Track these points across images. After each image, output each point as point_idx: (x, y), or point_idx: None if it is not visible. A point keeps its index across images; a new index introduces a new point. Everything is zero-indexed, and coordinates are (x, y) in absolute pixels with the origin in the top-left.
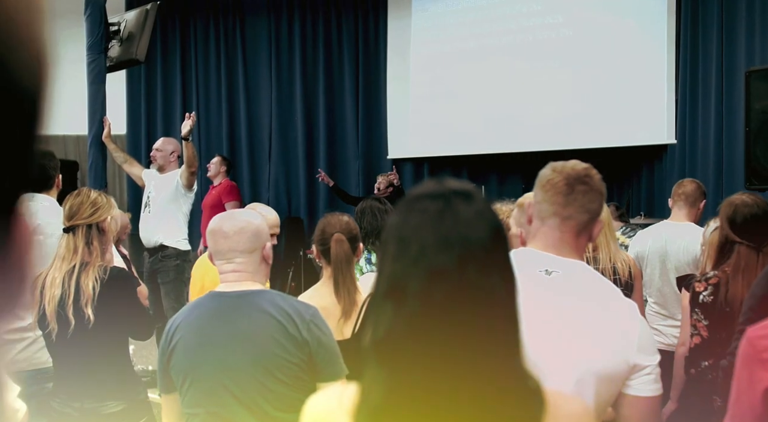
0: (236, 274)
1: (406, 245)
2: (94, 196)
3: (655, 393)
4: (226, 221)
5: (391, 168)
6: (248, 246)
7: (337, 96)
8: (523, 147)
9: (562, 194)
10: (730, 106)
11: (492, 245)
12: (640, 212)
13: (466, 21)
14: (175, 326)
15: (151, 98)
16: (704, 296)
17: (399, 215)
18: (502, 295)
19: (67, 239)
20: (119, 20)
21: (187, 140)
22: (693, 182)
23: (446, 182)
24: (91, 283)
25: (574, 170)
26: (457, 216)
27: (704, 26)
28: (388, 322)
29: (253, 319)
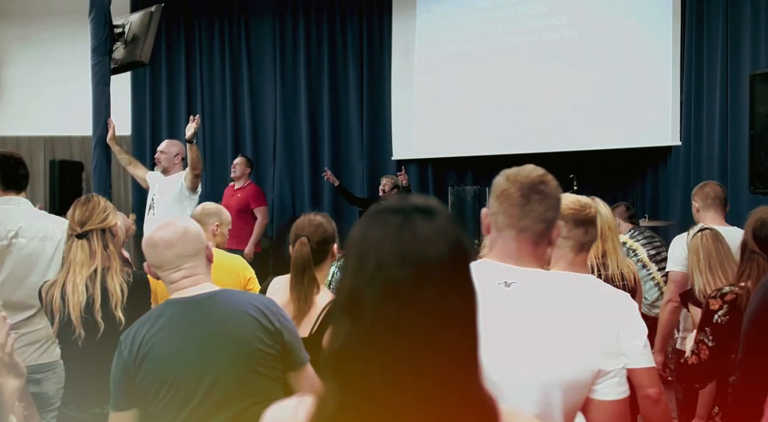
0: (189, 279)
1: (364, 259)
2: (103, 203)
3: (621, 395)
4: (164, 230)
5: (395, 169)
6: (193, 249)
7: (341, 97)
8: (527, 149)
9: (518, 205)
10: (735, 108)
11: (450, 262)
12: (645, 214)
13: (471, 22)
14: (139, 337)
15: (156, 99)
16: (719, 317)
17: (360, 228)
18: (458, 312)
19: (82, 245)
20: (124, 22)
21: (191, 142)
22: (719, 185)
23: (410, 197)
24: (118, 286)
25: (528, 178)
26: (416, 232)
27: (709, 28)
28: (343, 336)
29: (227, 318)
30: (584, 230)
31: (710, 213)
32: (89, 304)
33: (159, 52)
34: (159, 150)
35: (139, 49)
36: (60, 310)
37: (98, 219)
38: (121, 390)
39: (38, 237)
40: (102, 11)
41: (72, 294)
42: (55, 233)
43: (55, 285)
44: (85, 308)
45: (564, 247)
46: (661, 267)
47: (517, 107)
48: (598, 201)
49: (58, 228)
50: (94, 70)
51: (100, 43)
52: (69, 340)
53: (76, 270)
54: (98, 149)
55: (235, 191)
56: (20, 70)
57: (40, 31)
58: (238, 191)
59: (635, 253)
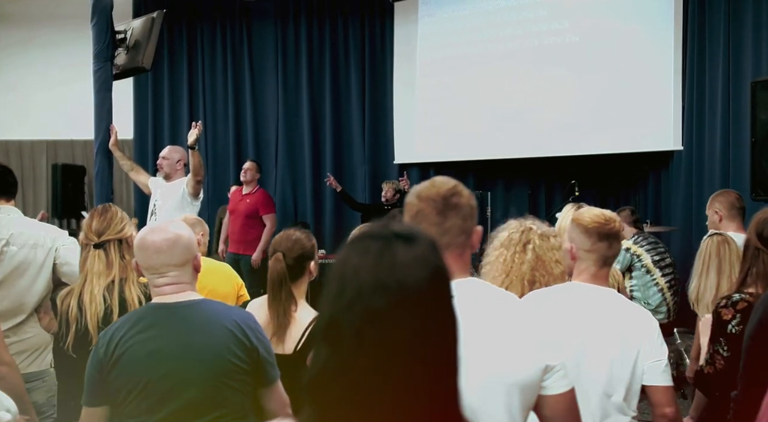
0: (173, 286)
1: (343, 286)
2: (120, 213)
3: (567, 387)
4: (157, 235)
5: (397, 173)
6: (181, 259)
7: (343, 101)
8: (529, 153)
9: (436, 224)
10: (737, 113)
11: (430, 290)
12: (647, 220)
13: (473, 26)
14: (117, 338)
15: (158, 103)
16: (733, 327)
17: (342, 254)
18: (437, 341)
19: (99, 255)
20: (125, 28)
21: (193, 148)
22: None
23: (391, 223)
24: (136, 297)
25: (440, 194)
26: (395, 260)
27: (711, 34)
28: (322, 362)
29: (203, 330)
30: (608, 243)
31: (735, 223)
32: (107, 314)
33: (161, 57)
34: (161, 156)
35: (140, 55)
36: (77, 320)
37: (115, 230)
38: (93, 387)
39: (29, 245)
40: (104, 17)
41: (90, 304)
42: (45, 241)
43: (71, 295)
44: (103, 318)
45: (587, 260)
46: (665, 273)
47: (518, 111)
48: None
49: (49, 236)
50: (96, 76)
51: (102, 48)
52: (85, 350)
53: (93, 280)
54: (100, 155)
55: (244, 196)
56: (22, 73)
57: (42, 35)
58: (247, 197)
59: (639, 258)
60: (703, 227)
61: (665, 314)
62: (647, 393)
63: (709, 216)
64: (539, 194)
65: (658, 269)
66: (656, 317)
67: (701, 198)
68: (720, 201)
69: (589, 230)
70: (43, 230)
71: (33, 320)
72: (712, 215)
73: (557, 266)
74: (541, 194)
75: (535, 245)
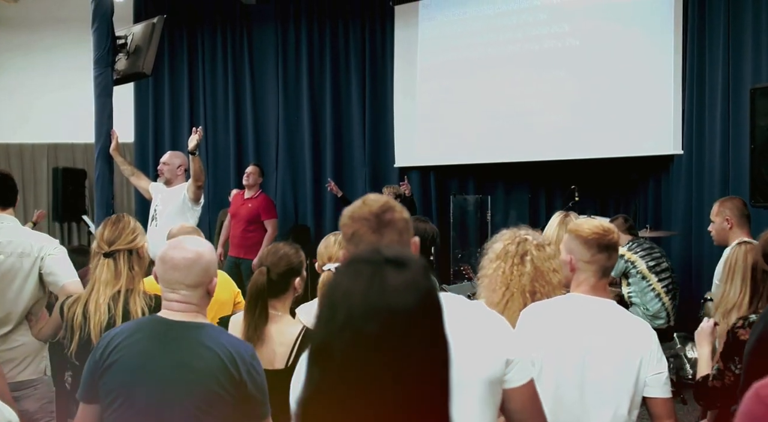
0: (180, 304)
1: (334, 310)
2: (133, 223)
3: (527, 378)
4: (178, 252)
5: (398, 177)
6: (195, 281)
7: (344, 104)
8: (530, 156)
9: (372, 243)
10: (736, 117)
11: (420, 314)
12: (646, 224)
13: (473, 30)
14: (114, 344)
15: (159, 107)
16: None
17: (334, 278)
18: (428, 363)
19: (108, 264)
20: (126, 33)
21: (194, 154)
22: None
23: (383, 248)
24: (140, 308)
25: (372, 212)
26: (385, 284)
27: (711, 37)
28: (313, 385)
29: (195, 353)
30: (608, 254)
31: (745, 229)
32: (110, 325)
33: (162, 60)
34: (162, 162)
35: (141, 60)
36: (81, 328)
37: (126, 240)
38: (88, 385)
39: (16, 253)
40: (105, 23)
41: (94, 313)
42: (32, 250)
43: (78, 302)
44: (105, 328)
45: (587, 271)
46: (661, 278)
47: (518, 114)
48: (571, 219)
49: (36, 245)
50: (97, 82)
51: (103, 54)
52: (87, 359)
53: (100, 289)
54: (101, 160)
55: (245, 201)
56: (23, 77)
57: (44, 39)
58: (249, 201)
59: (634, 265)
60: (704, 231)
61: (665, 320)
62: (647, 404)
63: (717, 222)
64: (539, 198)
65: (654, 275)
66: (656, 322)
67: (701, 202)
68: (730, 208)
69: (588, 241)
70: (32, 238)
71: (23, 328)
72: (721, 222)
73: (555, 276)
74: (542, 198)
75: (533, 257)
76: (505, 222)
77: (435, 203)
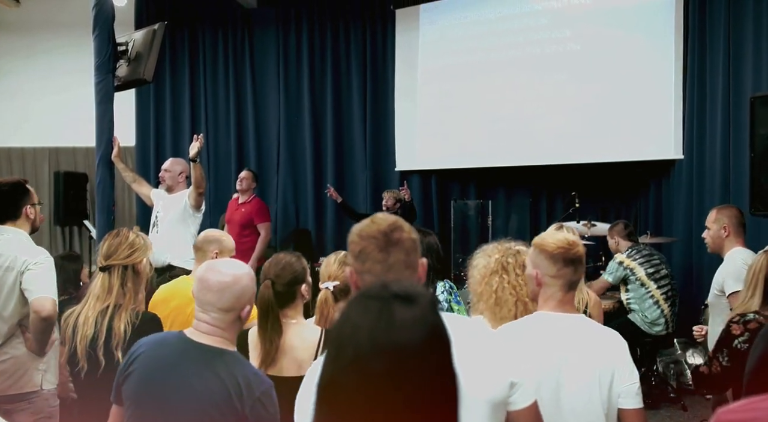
0: (208, 327)
1: (342, 348)
2: (132, 237)
3: (532, 399)
4: (214, 274)
5: (398, 180)
6: (227, 305)
7: (345, 108)
8: (531, 161)
9: (380, 262)
10: (737, 122)
11: (428, 350)
12: (647, 230)
13: (474, 34)
14: (138, 353)
15: (160, 110)
16: (739, 343)
17: (342, 314)
18: (436, 399)
19: (102, 278)
20: (127, 40)
21: (195, 161)
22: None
23: (391, 283)
24: (123, 326)
25: (380, 231)
26: (393, 321)
27: (711, 42)
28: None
29: (204, 379)
30: (574, 268)
31: (741, 238)
32: (94, 339)
33: (163, 64)
34: (163, 169)
35: (142, 67)
36: (70, 340)
37: (122, 255)
38: (115, 388)
39: (3, 267)
40: (105, 29)
41: (82, 326)
42: (16, 263)
43: (73, 314)
44: (90, 342)
45: (553, 286)
46: (660, 285)
47: (519, 119)
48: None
49: (21, 257)
50: (98, 88)
51: (104, 60)
52: (74, 371)
53: (91, 303)
54: (102, 166)
55: (239, 205)
56: (24, 80)
57: (44, 42)
58: (243, 206)
59: (633, 272)
60: None
61: (663, 326)
62: (620, 416)
63: (713, 230)
64: (540, 203)
65: (653, 282)
66: (654, 329)
67: (702, 208)
68: (728, 216)
69: (554, 255)
70: (20, 251)
71: (14, 341)
72: (718, 230)
73: None
74: (543, 203)
75: None
76: (506, 227)
77: (436, 207)
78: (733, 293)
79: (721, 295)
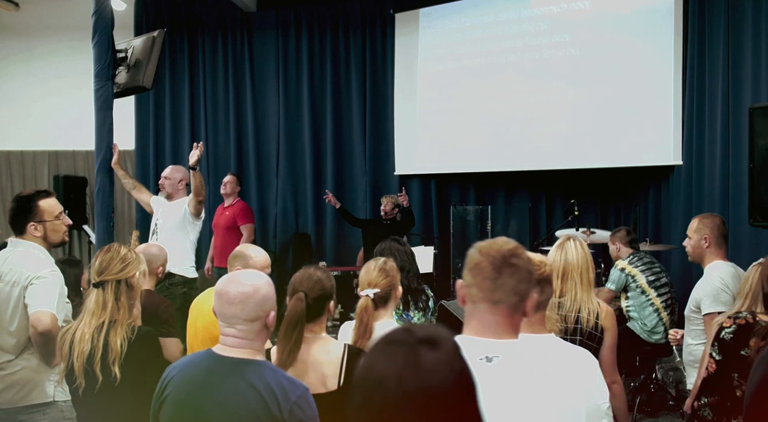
0: (235, 340)
1: (370, 396)
2: (124, 252)
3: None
4: (233, 286)
5: (398, 185)
6: (252, 315)
7: (344, 112)
8: (530, 166)
9: (490, 279)
10: (736, 127)
11: (456, 394)
12: (646, 237)
13: (473, 39)
14: (169, 377)
15: (160, 114)
16: (726, 333)
17: (366, 362)
18: None
19: (96, 294)
20: (126, 46)
21: (194, 169)
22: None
23: (414, 329)
24: (119, 341)
25: (499, 252)
26: (420, 366)
27: (711, 48)
28: None
29: (239, 391)
30: (540, 288)
31: (722, 250)
32: (91, 355)
33: (163, 67)
34: (163, 176)
35: (141, 74)
36: (67, 357)
37: (115, 270)
38: (152, 416)
39: (11, 282)
40: (105, 36)
41: (78, 343)
42: (21, 278)
43: (68, 332)
44: (87, 358)
45: None
46: (660, 293)
47: (519, 124)
48: (570, 243)
49: (26, 272)
50: (97, 96)
51: (103, 68)
52: (72, 388)
53: (86, 320)
54: (101, 173)
55: (224, 209)
56: (24, 84)
57: (43, 46)
58: (227, 209)
59: (634, 279)
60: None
61: (662, 334)
62: None
63: (694, 240)
64: (540, 207)
65: (654, 290)
66: (653, 337)
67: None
68: (710, 226)
69: None
70: (26, 266)
71: (26, 353)
72: (699, 240)
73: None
74: (542, 207)
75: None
76: (506, 232)
77: (435, 212)
78: (708, 313)
79: (698, 311)
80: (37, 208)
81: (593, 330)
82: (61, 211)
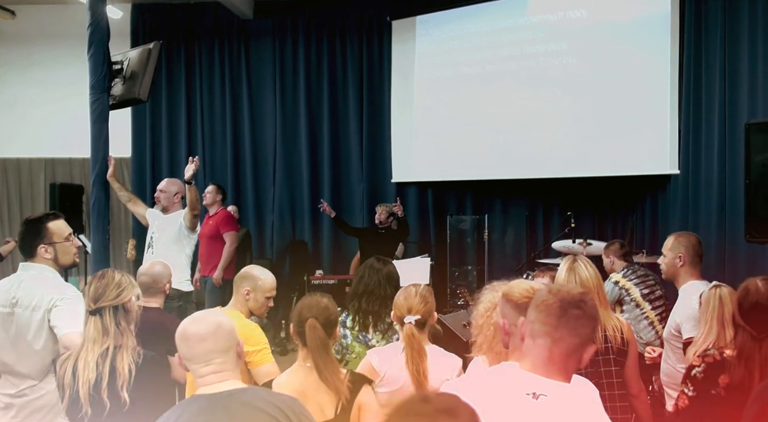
0: (217, 375)
1: None
2: (118, 277)
3: None
4: (199, 325)
5: (395, 192)
6: (225, 345)
7: (341, 120)
8: (527, 174)
9: (555, 316)
10: (732, 138)
11: None
12: (642, 249)
13: (471, 46)
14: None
15: (156, 120)
16: (697, 372)
17: None
18: None
19: (95, 321)
20: (122, 58)
21: (190, 183)
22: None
23: (431, 398)
24: (126, 366)
25: (569, 294)
26: None
27: (707, 57)
28: None
29: (247, 417)
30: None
31: (696, 270)
32: (98, 382)
33: (159, 75)
34: (159, 189)
35: (137, 86)
36: (70, 386)
37: (111, 295)
38: None
39: (30, 307)
40: (101, 49)
41: (83, 371)
42: (42, 302)
43: (69, 360)
44: (93, 386)
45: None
46: (655, 306)
47: (515, 132)
48: (579, 264)
49: (48, 295)
50: (93, 108)
51: (99, 80)
52: (76, 417)
53: (88, 347)
54: (97, 186)
55: (208, 219)
56: (20, 91)
57: (40, 53)
58: (211, 219)
59: (628, 293)
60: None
61: None
62: None
63: (668, 258)
64: (537, 216)
65: (648, 303)
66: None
67: (697, 223)
68: (685, 245)
69: (519, 305)
70: (46, 289)
71: (50, 377)
72: (674, 258)
73: None
74: (539, 216)
75: None
76: (503, 241)
77: (432, 221)
78: (690, 337)
79: (678, 336)
80: (46, 230)
81: (621, 346)
82: (70, 232)
